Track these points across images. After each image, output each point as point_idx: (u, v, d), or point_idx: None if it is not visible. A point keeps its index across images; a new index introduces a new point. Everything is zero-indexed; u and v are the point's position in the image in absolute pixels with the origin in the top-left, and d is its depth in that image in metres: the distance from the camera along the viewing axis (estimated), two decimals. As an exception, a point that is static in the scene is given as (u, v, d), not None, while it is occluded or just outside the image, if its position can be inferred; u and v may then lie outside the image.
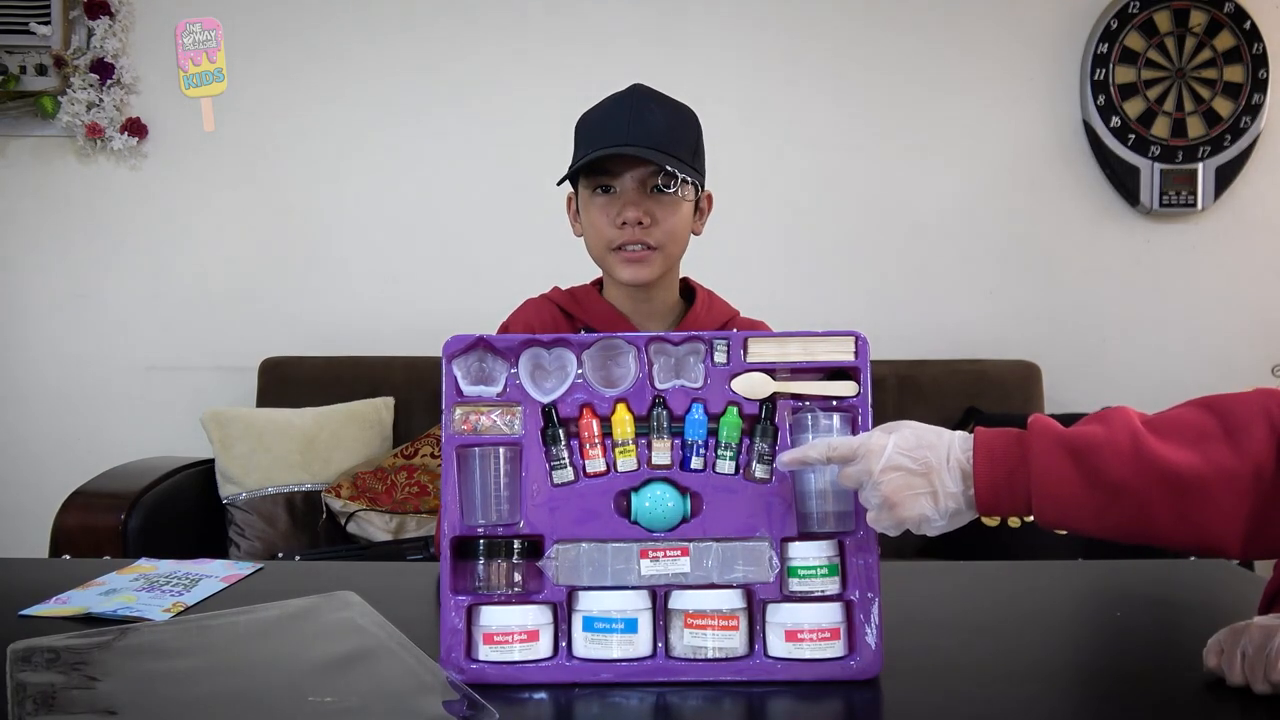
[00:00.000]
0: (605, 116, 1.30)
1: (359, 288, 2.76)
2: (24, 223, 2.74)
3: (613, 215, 1.28)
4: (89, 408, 2.75)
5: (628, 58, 2.71)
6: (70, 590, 1.13)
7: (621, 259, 1.29)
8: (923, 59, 2.74)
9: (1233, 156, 2.70)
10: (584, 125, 1.33)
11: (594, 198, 1.31)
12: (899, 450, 0.83)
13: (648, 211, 1.27)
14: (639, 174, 1.27)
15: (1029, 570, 1.34)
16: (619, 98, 1.32)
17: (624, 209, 1.27)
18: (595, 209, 1.30)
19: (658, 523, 0.89)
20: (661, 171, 1.26)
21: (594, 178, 1.30)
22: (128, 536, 2.12)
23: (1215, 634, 0.85)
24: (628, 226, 1.27)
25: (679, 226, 1.31)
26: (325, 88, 2.73)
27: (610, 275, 1.34)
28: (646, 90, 1.33)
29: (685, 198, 1.31)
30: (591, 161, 1.26)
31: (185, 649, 0.89)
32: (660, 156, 1.25)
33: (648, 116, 1.27)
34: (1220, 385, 2.72)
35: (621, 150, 1.25)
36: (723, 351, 0.91)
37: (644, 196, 1.28)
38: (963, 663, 0.92)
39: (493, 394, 0.91)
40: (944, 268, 2.77)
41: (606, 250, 1.30)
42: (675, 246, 1.32)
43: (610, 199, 1.29)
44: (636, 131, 1.25)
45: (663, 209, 1.29)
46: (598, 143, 1.27)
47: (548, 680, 0.87)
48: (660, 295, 1.37)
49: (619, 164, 1.27)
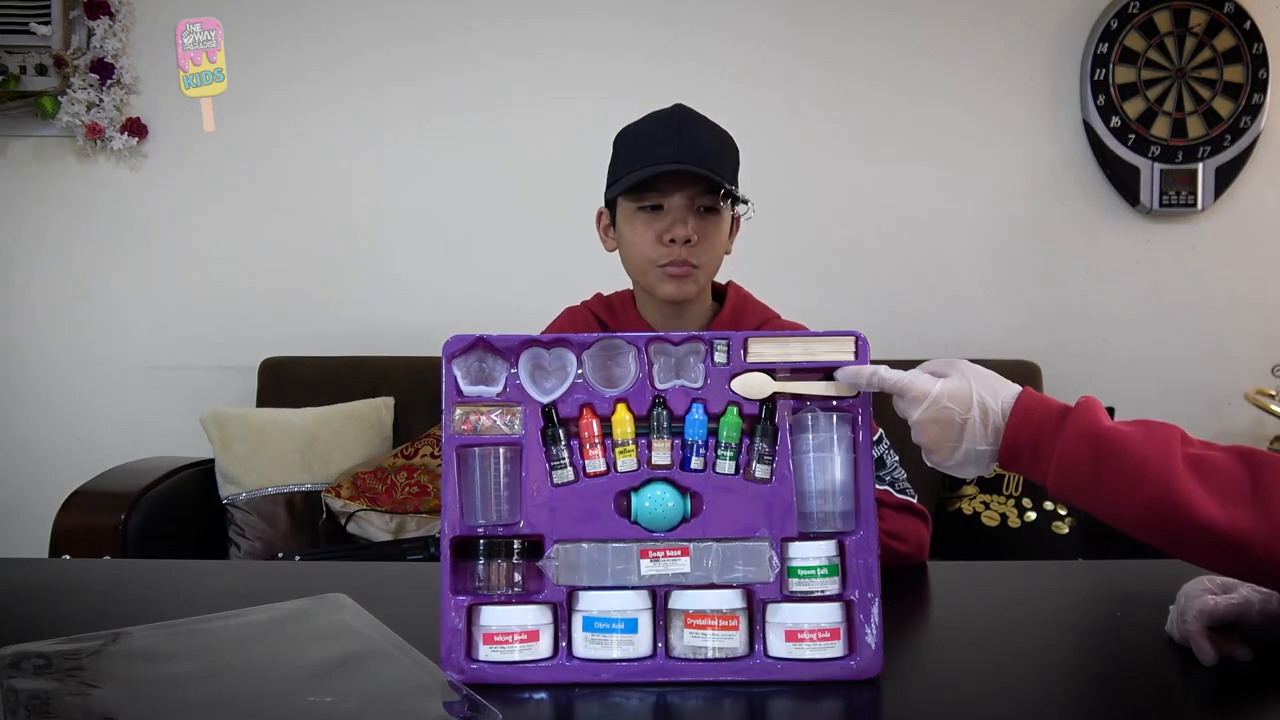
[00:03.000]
0: (651, 134, 1.29)
1: (359, 288, 2.76)
2: (24, 223, 2.74)
3: (660, 232, 1.28)
4: (89, 408, 2.75)
5: (628, 61, 2.71)
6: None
7: (665, 275, 1.30)
8: (922, 59, 2.74)
9: (1233, 156, 2.70)
10: (628, 142, 1.32)
11: (637, 214, 1.30)
12: (939, 403, 0.84)
13: (696, 229, 1.28)
14: (688, 193, 1.28)
15: (1029, 570, 1.34)
16: (664, 116, 1.31)
17: (673, 227, 1.27)
18: (639, 225, 1.30)
19: (658, 523, 0.89)
20: (708, 192, 1.27)
21: (640, 195, 1.29)
22: (128, 536, 2.12)
23: None
24: (674, 245, 1.28)
25: (720, 244, 1.33)
26: (325, 88, 2.73)
27: (650, 291, 1.34)
28: (691, 111, 1.32)
29: (738, 214, 1.32)
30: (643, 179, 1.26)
31: (178, 653, 0.89)
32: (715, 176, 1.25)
33: (695, 137, 1.27)
34: (1220, 385, 2.72)
35: (681, 168, 1.24)
36: (722, 351, 0.91)
37: (692, 215, 1.28)
38: (962, 663, 0.92)
39: (493, 394, 0.91)
40: (944, 268, 2.77)
41: (650, 267, 1.30)
42: (714, 264, 1.34)
43: (656, 216, 1.29)
44: (685, 151, 1.25)
45: (709, 227, 1.30)
46: (645, 160, 1.26)
47: (548, 680, 0.87)
48: (694, 309, 1.37)
49: (668, 182, 1.27)
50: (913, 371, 0.88)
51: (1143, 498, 0.78)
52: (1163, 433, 0.81)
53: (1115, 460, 0.79)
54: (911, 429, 0.87)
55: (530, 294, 1.43)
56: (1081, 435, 0.81)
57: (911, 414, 0.85)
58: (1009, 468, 0.85)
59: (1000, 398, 0.84)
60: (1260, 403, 2.53)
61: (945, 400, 0.84)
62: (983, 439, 0.84)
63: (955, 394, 0.84)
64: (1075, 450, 0.80)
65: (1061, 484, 0.82)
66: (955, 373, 0.86)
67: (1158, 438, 0.80)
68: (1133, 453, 0.79)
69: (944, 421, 0.84)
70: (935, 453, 0.86)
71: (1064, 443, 0.81)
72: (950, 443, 0.84)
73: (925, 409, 0.84)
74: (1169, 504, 0.77)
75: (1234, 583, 0.88)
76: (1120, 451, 0.79)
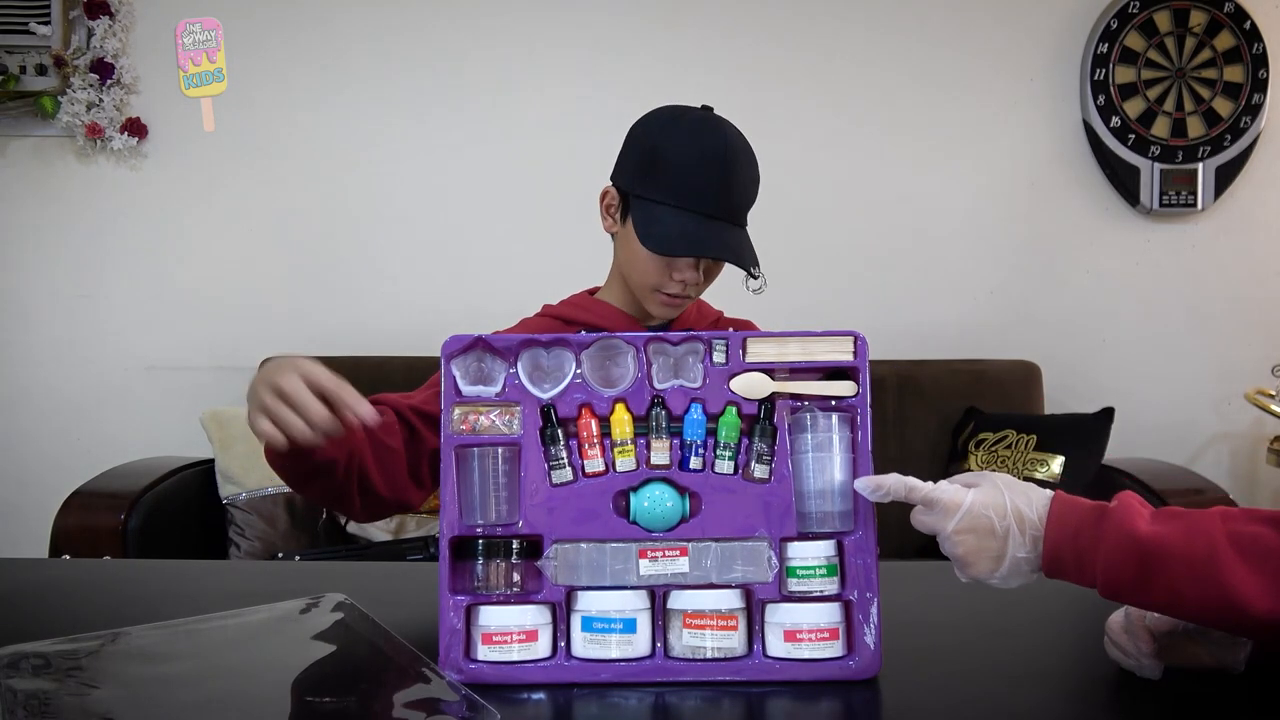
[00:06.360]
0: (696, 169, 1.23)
1: (359, 288, 2.76)
2: (24, 223, 2.74)
3: (672, 269, 1.26)
4: (89, 408, 2.75)
5: (629, 60, 2.71)
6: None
7: (661, 300, 1.29)
8: (922, 59, 2.74)
9: (1233, 156, 2.70)
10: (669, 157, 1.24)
11: None
12: (974, 512, 0.81)
13: (705, 271, 1.29)
14: None
15: (1028, 570, 1.33)
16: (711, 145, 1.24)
17: (686, 271, 1.26)
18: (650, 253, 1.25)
19: (656, 523, 0.89)
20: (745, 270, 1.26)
21: None
22: (127, 536, 2.12)
23: None
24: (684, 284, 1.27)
25: None
26: (325, 87, 2.73)
27: (641, 303, 1.33)
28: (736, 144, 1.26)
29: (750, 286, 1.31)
30: None
31: (175, 653, 0.89)
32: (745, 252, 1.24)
33: (737, 179, 1.24)
34: (1221, 385, 2.72)
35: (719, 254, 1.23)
36: (721, 351, 0.91)
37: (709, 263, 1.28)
38: (961, 663, 0.92)
39: (491, 394, 0.91)
40: (944, 268, 2.77)
41: (649, 289, 1.29)
42: None
43: None
44: (726, 203, 1.24)
45: (715, 269, 1.31)
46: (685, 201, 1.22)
47: (546, 680, 0.87)
48: None
49: None
50: (940, 483, 0.85)
51: (1196, 600, 0.76)
52: (1203, 525, 0.78)
53: (1161, 568, 0.77)
54: (942, 543, 0.83)
55: (530, 294, 1.43)
56: (1122, 546, 0.78)
57: (945, 526, 0.82)
58: (1054, 577, 0.82)
59: (1035, 505, 0.82)
60: (1260, 403, 2.53)
61: (979, 509, 0.81)
62: (1021, 546, 0.81)
63: (990, 503, 0.81)
64: (1118, 562, 0.78)
65: (1110, 591, 0.80)
66: (986, 483, 0.83)
67: (1199, 532, 0.78)
68: (1177, 557, 0.77)
69: (981, 531, 0.81)
70: (973, 565, 0.82)
71: (1105, 554, 0.79)
72: (990, 553, 0.81)
73: (960, 519, 0.81)
74: (1224, 604, 0.75)
75: None
76: (1164, 558, 0.77)
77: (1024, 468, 2.38)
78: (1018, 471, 2.37)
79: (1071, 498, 0.82)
